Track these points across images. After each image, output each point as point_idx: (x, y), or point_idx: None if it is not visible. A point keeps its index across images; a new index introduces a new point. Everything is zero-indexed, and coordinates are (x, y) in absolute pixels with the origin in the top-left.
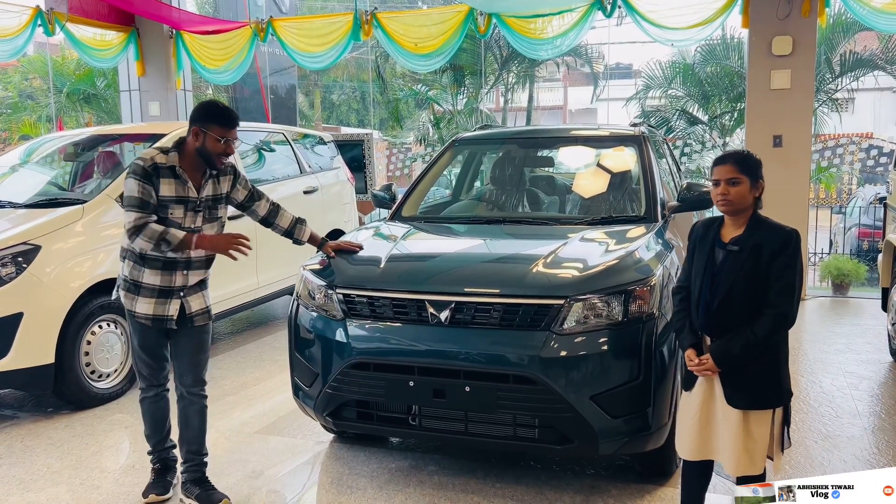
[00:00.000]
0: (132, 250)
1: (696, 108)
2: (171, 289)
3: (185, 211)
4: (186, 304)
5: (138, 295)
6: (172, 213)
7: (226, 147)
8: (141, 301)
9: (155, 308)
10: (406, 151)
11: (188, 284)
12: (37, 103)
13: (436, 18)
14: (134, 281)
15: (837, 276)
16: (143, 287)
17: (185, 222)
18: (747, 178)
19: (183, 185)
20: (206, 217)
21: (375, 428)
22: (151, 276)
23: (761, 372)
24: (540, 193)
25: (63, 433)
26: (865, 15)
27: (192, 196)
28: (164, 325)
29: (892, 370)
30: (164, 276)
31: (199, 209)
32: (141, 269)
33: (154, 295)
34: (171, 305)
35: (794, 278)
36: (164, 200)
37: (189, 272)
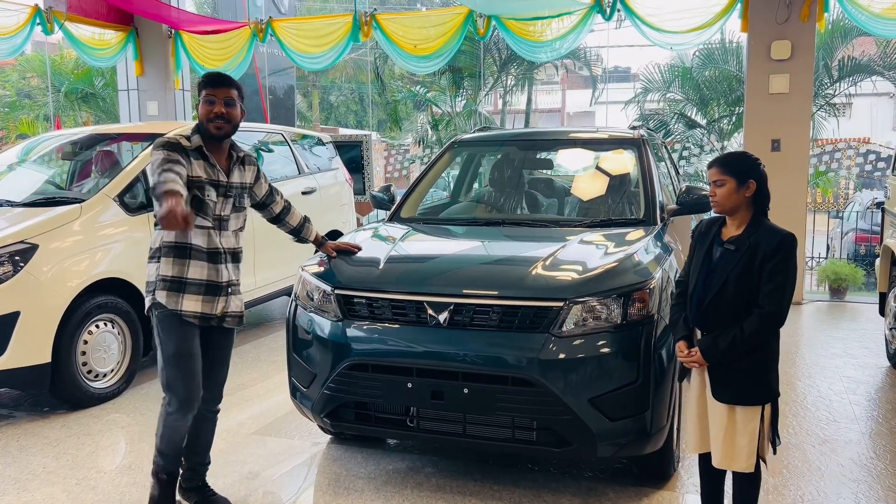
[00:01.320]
0: (171, 245)
1: (695, 112)
2: (219, 284)
3: (218, 195)
4: (227, 304)
5: (184, 292)
6: (209, 195)
7: (215, 108)
8: (188, 298)
9: (203, 305)
10: (404, 153)
11: (233, 280)
12: (35, 102)
13: (435, 20)
14: (177, 278)
15: (835, 281)
16: (188, 283)
17: (218, 208)
18: (733, 178)
19: (212, 167)
20: (235, 206)
21: (373, 429)
22: (197, 269)
23: (748, 369)
24: (539, 196)
25: (59, 433)
26: (864, 20)
27: (223, 180)
28: (209, 323)
29: (889, 375)
30: (211, 270)
31: (229, 194)
32: (184, 263)
33: (202, 291)
34: (218, 303)
35: (784, 281)
36: (199, 182)
37: (229, 265)
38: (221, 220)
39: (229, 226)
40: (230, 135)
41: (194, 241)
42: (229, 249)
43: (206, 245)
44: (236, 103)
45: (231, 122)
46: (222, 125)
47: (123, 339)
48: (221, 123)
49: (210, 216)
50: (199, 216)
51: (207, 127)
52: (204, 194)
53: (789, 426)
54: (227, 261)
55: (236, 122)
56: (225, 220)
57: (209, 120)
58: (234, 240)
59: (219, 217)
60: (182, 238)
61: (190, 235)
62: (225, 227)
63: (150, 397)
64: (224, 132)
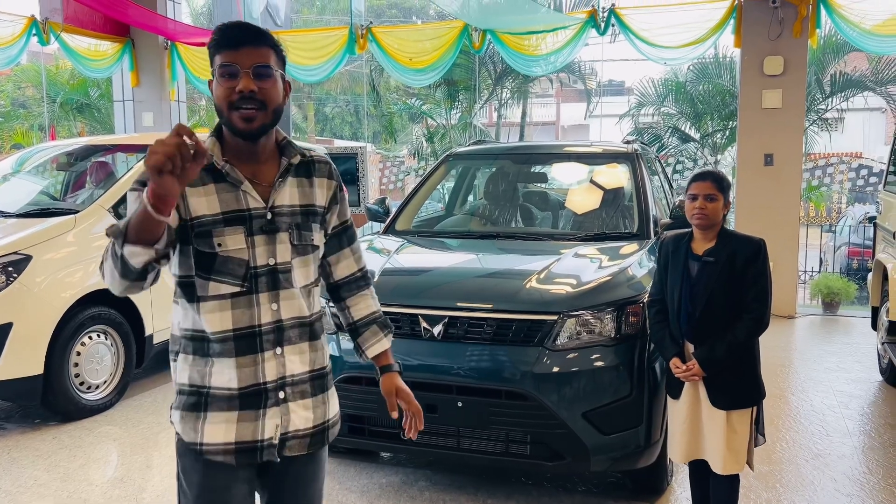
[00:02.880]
0: (186, 336)
1: (689, 126)
2: (262, 388)
3: (249, 235)
4: (285, 418)
5: (206, 410)
6: (223, 244)
7: (239, 83)
8: (213, 421)
9: (239, 430)
10: (399, 165)
11: (289, 375)
12: (29, 112)
13: (431, 34)
14: (196, 387)
15: (827, 295)
16: (213, 396)
17: (257, 258)
18: (722, 195)
19: (233, 189)
20: (295, 244)
21: (367, 443)
22: (225, 368)
23: (741, 373)
24: (533, 209)
25: (50, 445)
26: (856, 36)
27: (257, 207)
28: (256, 458)
29: (881, 389)
30: (245, 365)
31: (274, 227)
32: (207, 361)
33: (235, 405)
34: (266, 420)
35: (766, 284)
36: (203, 223)
37: (283, 347)
38: (273, 273)
39: (291, 280)
40: (269, 128)
41: (208, 325)
42: (288, 322)
43: (232, 325)
44: (273, 73)
45: (268, 106)
46: (253, 113)
47: (116, 350)
48: (252, 110)
49: (236, 275)
50: (214, 279)
51: (230, 118)
52: (213, 244)
53: (783, 440)
54: (278, 343)
55: (278, 107)
56: (282, 272)
57: (232, 105)
58: (301, 303)
59: (262, 272)
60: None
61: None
62: (280, 283)
63: (143, 409)
64: (258, 125)
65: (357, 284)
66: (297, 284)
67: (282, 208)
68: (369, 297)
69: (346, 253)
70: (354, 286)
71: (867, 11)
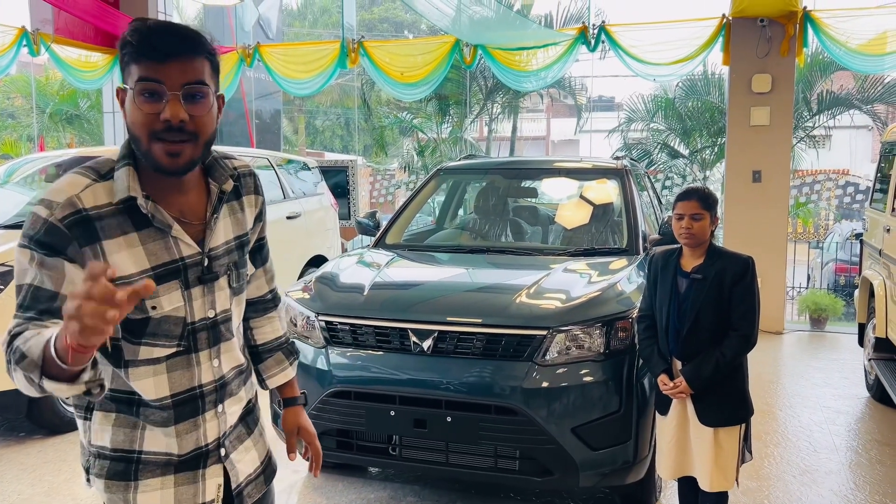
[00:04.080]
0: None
1: (678, 142)
2: (201, 450)
3: (185, 290)
4: (233, 472)
5: (136, 479)
6: (158, 306)
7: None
8: (146, 489)
9: (179, 496)
10: (390, 178)
11: (228, 429)
12: (18, 123)
13: (422, 48)
14: (123, 452)
15: (815, 311)
16: (143, 461)
17: (195, 312)
18: (708, 213)
19: (161, 235)
20: (234, 286)
21: (355, 457)
22: (158, 434)
23: (729, 391)
24: (523, 224)
25: (35, 459)
26: (842, 55)
27: (192, 254)
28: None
29: (868, 405)
30: (183, 428)
31: (212, 273)
32: (136, 423)
33: (170, 469)
34: (206, 481)
35: (754, 302)
36: (131, 283)
37: (224, 403)
38: (213, 327)
39: (230, 330)
40: (199, 162)
41: (142, 391)
42: (230, 375)
43: (169, 392)
44: (208, 94)
45: (199, 137)
46: (181, 147)
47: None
48: (180, 144)
49: (172, 335)
50: (145, 343)
51: (150, 150)
52: (148, 305)
53: (770, 456)
54: (220, 400)
55: (211, 136)
56: (221, 322)
57: (154, 135)
58: (238, 352)
59: (200, 327)
60: (119, 383)
61: (129, 383)
62: (221, 336)
63: None
64: (185, 160)
65: (265, 306)
66: (234, 331)
67: (217, 249)
68: (276, 321)
69: (258, 273)
70: (262, 307)
71: (853, 31)
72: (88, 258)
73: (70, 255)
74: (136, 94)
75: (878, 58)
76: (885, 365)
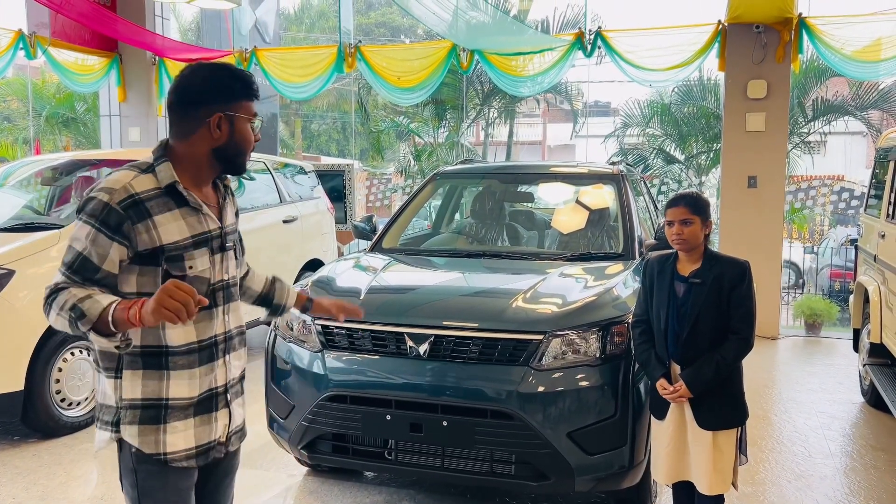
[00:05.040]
0: (134, 353)
1: (673, 148)
2: (215, 392)
3: (212, 255)
4: (232, 417)
5: (166, 422)
6: (194, 266)
7: (258, 133)
8: (174, 431)
9: (198, 434)
10: (386, 182)
11: (232, 379)
12: (14, 125)
13: (419, 53)
14: (152, 400)
15: (810, 316)
16: (172, 407)
17: (216, 274)
18: (698, 217)
19: (196, 213)
20: (238, 258)
21: (351, 462)
22: (184, 379)
23: (727, 394)
24: (519, 228)
25: (30, 462)
26: (837, 62)
27: (215, 228)
28: (209, 458)
29: (863, 411)
30: (204, 374)
31: (227, 245)
32: (162, 374)
33: (192, 412)
34: (218, 421)
35: (752, 305)
36: (176, 248)
37: (230, 356)
38: (226, 288)
39: (237, 293)
40: None
41: (172, 340)
42: (235, 331)
43: (196, 338)
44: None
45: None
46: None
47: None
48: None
49: (200, 292)
50: None
51: (245, 161)
52: (185, 268)
53: (766, 461)
54: (227, 350)
55: None
56: (232, 285)
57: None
58: (240, 313)
59: (219, 287)
60: (151, 338)
61: (162, 333)
62: (232, 296)
63: None
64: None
65: (248, 274)
66: (238, 296)
67: (228, 227)
68: (258, 274)
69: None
70: (247, 273)
71: (848, 37)
72: (140, 234)
73: (124, 232)
74: (249, 122)
75: (873, 64)
76: (879, 370)
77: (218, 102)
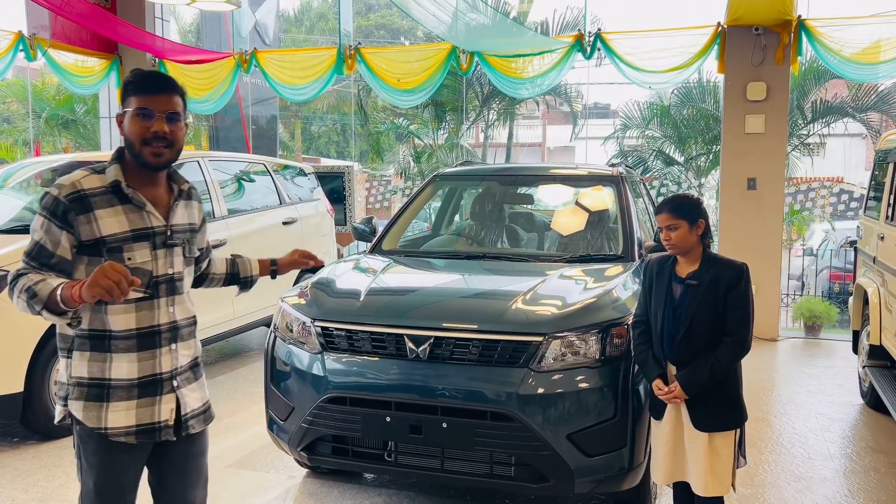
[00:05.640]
0: (84, 334)
1: (673, 149)
2: (159, 378)
3: (153, 249)
4: (182, 401)
5: (108, 400)
6: (133, 258)
7: (153, 124)
8: (114, 409)
9: (139, 414)
10: (386, 184)
11: (179, 367)
12: (14, 127)
13: (419, 55)
14: (97, 380)
15: (809, 318)
16: (114, 386)
17: (159, 268)
18: (684, 220)
19: (139, 210)
20: (187, 255)
21: (351, 463)
22: (125, 362)
23: (723, 396)
24: (519, 230)
25: (29, 464)
26: (836, 64)
27: (159, 225)
28: (155, 437)
29: (863, 412)
30: (145, 359)
31: (172, 243)
32: (106, 356)
33: (135, 394)
34: (162, 405)
35: (748, 308)
36: (115, 240)
37: (177, 345)
38: (171, 281)
39: (183, 287)
40: (171, 162)
41: (114, 325)
42: (182, 322)
43: (135, 325)
44: (181, 117)
45: (174, 145)
46: (162, 150)
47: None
48: (161, 147)
49: (142, 283)
50: None
51: (140, 152)
52: (123, 258)
53: (765, 463)
54: (173, 340)
55: (181, 146)
56: (177, 280)
57: (144, 142)
58: (189, 305)
59: (162, 280)
60: (97, 323)
61: (106, 318)
62: (177, 289)
63: None
64: (164, 160)
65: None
66: (186, 289)
67: (176, 226)
68: (218, 258)
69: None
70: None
71: (847, 40)
72: (82, 225)
73: (69, 221)
74: (133, 115)
75: (872, 66)
76: (879, 372)
77: (122, 104)
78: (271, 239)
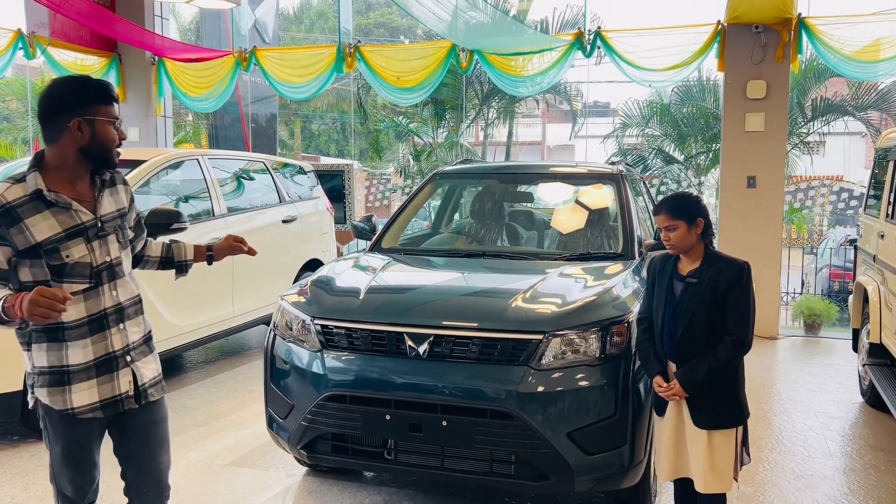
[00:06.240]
0: (37, 329)
1: (673, 148)
2: (113, 355)
3: (88, 243)
4: (138, 373)
5: (70, 384)
6: (70, 255)
7: (121, 131)
8: (78, 390)
9: (101, 391)
10: (385, 182)
11: (132, 343)
12: (13, 125)
13: (419, 53)
14: (57, 368)
15: (809, 317)
16: (73, 371)
17: (98, 258)
18: (682, 221)
19: (66, 210)
20: (121, 241)
21: (350, 462)
22: (80, 349)
23: (723, 394)
24: (519, 228)
25: (29, 462)
26: (836, 62)
27: (88, 220)
28: (119, 408)
29: (862, 411)
30: (97, 342)
31: (105, 232)
32: (62, 345)
33: (93, 373)
34: (120, 379)
35: (748, 307)
36: (49, 242)
37: (125, 324)
38: (110, 268)
39: (123, 270)
40: None
41: (65, 317)
42: (126, 303)
43: (86, 313)
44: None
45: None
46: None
47: None
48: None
49: (84, 275)
50: (66, 281)
51: (111, 156)
52: (63, 258)
53: (765, 461)
54: (120, 320)
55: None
56: (115, 265)
57: (115, 147)
58: (132, 286)
59: (102, 268)
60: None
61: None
62: (117, 274)
63: None
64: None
65: (145, 244)
66: (126, 272)
67: (106, 216)
68: (154, 242)
69: (139, 235)
70: (145, 246)
71: (848, 38)
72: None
73: (1, 235)
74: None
75: (872, 65)
76: (879, 370)
77: (75, 109)
78: (271, 237)
